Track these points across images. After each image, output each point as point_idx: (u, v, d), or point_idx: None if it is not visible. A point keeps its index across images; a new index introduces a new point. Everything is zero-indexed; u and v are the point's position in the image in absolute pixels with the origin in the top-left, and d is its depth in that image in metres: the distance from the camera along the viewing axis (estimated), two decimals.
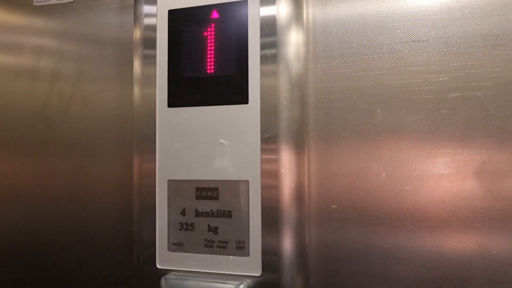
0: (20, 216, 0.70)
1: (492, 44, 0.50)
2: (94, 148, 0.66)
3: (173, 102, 0.55)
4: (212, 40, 0.54)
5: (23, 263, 0.70)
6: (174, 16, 0.56)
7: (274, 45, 0.52)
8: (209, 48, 0.54)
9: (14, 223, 0.71)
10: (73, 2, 0.68)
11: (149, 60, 0.57)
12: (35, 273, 0.69)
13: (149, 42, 0.57)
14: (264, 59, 0.52)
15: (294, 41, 0.53)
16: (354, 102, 0.54)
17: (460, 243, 0.51)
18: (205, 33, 0.55)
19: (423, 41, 0.52)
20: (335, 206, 0.54)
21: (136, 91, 0.58)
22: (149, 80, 0.57)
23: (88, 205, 0.66)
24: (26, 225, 0.70)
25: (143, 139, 0.57)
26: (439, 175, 0.51)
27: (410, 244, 0.52)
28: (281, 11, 0.52)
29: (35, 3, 0.70)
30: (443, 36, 0.52)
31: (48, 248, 0.68)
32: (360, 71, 0.54)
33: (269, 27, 0.52)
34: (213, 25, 0.54)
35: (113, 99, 0.65)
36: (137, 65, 0.58)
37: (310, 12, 0.57)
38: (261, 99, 0.52)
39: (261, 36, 0.52)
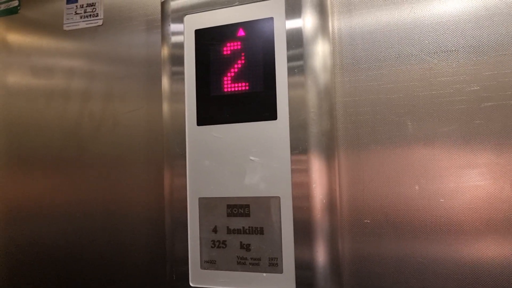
0: (56, 231, 0.72)
1: None
2: (125, 165, 0.67)
3: (202, 120, 0.56)
4: (239, 58, 0.55)
5: (59, 276, 0.71)
6: (201, 35, 0.57)
7: (301, 57, 0.52)
8: (236, 66, 0.55)
9: (51, 237, 0.72)
10: (101, 25, 0.70)
11: (177, 76, 0.58)
12: (71, 285, 0.70)
13: (177, 59, 0.58)
14: (291, 71, 0.52)
15: (321, 53, 0.53)
16: (384, 114, 0.54)
17: (499, 256, 0.49)
18: (232, 51, 0.55)
19: (452, 51, 0.52)
20: (368, 221, 0.54)
21: (165, 107, 0.58)
22: (177, 96, 0.58)
23: (121, 221, 0.67)
24: (62, 239, 0.71)
25: (174, 157, 0.57)
26: (475, 186, 0.50)
27: (447, 258, 0.51)
28: (307, 23, 0.53)
29: (65, 28, 0.72)
30: (473, 45, 0.51)
31: (83, 262, 0.70)
32: (389, 83, 0.54)
33: (296, 40, 0.52)
34: (239, 43, 0.55)
35: (142, 117, 0.67)
36: (165, 82, 0.59)
37: (335, 23, 0.57)
38: (289, 114, 0.52)
39: (288, 49, 0.53)
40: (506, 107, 0.49)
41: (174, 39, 0.58)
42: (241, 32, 0.55)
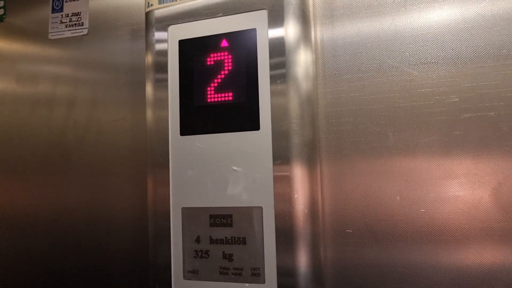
0: (40, 239, 0.71)
1: (503, 64, 0.50)
2: (110, 174, 0.67)
3: (185, 130, 0.56)
4: (222, 69, 0.55)
5: (43, 284, 0.71)
6: (185, 46, 0.57)
7: (283, 65, 0.53)
8: (219, 76, 0.55)
9: (35, 245, 0.72)
10: (86, 34, 0.70)
11: (161, 83, 0.58)
12: None
13: (161, 67, 0.58)
14: (274, 80, 0.53)
15: (303, 61, 0.54)
16: (366, 125, 0.54)
17: (479, 266, 0.50)
18: (215, 62, 0.56)
19: (432, 63, 0.53)
20: (350, 231, 0.54)
21: (149, 114, 0.59)
22: (161, 103, 0.58)
23: (105, 229, 0.67)
24: (46, 247, 0.71)
25: (157, 167, 0.57)
26: (454, 196, 0.51)
27: (428, 267, 0.51)
28: (289, 32, 0.53)
29: (50, 37, 0.72)
30: (452, 57, 0.52)
31: (67, 270, 0.69)
32: (370, 94, 0.54)
33: (278, 49, 0.53)
34: (223, 53, 0.55)
35: (127, 125, 0.67)
36: (149, 89, 0.59)
37: (318, 35, 0.57)
38: (272, 124, 0.53)
39: (271, 57, 0.53)
40: (484, 118, 0.50)
41: (158, 47, 0.58)
42: (224, 43, 0.55)
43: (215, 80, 0.55)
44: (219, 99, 0.55)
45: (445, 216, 0.51)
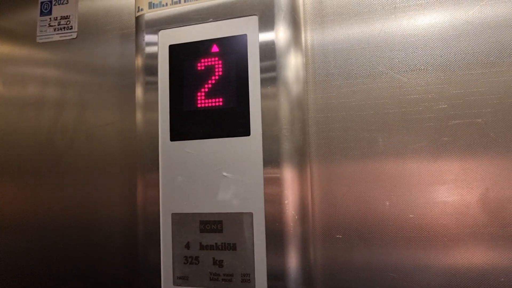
0: (29, 243, 0.70)
1: (490, 71, 0.51)
2: (100, 177, 0.67)
3: (175, 135, 0.56)
4: (213, 74, 0.55)
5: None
6: (175, 51, 0.57)
7: (274, 68, 0.53)
8: (210, 81, 0.55)
9: (23, 249, 0.71)
10: (76, 38, 0.69)
11: (151, 86, 0.58)
12: None
13: (151, 70, 0.58)
14: (264, 83, 0.53)
15: (293, 64, 0.54)
16: (356, 131, 0.55)
17: (467, 270, 0.50)
18: (206, 67, 0.55)
19: (421, 69, 0.53)
20: (340, 236, 0.54)
21: (139, 117, 0.58)
22: (151, 105, 0.57)
23: (95, 233, 0.66)
24: (35, 251, 0.70)
25: (147, 173, 0.57)
26: (443, 202, 0.51)
27: (417, 272, 0.52)
28: (280, 35, 0.53)
29: (38, 40, 0.71)
30: (441, 64, 0.53)
31: (57, 274, 0.68)
32: (360, 100, 0.55)
33: (269, 52, 0.53)
34: (213, 59, 0.55)
35: (117, 128, 0.66)
36: (139, 91, 0.59)
37: (309, 41, 0.58)
38: (263, 130, 0.53)
39: (261, 61, 0.53)
40: (472, 125, 0.51)
41: (148, 51, 0.58)
42: (215, 48, 0.55)
43: (206, 86, 0.55)
44: (210, 104, 0.55)
45: (434, 221, 0.51)
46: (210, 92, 0.55)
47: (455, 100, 0.52)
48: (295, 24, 0.54)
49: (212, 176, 0.54)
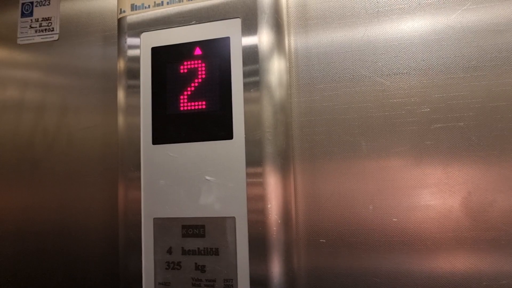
0: (7, 249, 0.69)
1: (472, 75, 0.51)
2: (80, 181, 0.66)
3: (157, 139, 0.55)
4: (196, 77, 0.55)
5: None
6: (158, 53, 0.56)
7: (256, 72, 0.52)
8: (193, 84, 0.55)
9: (1, 256, 0.69)
10: (57, 40, 0.68)
11: (133, 90, 0.57)
12: None
13: (133, 73, 0.57)
14: (247, 87, 0.52)
15: (276, 69, 0.54)
16: (339, 135, 0.54)
17: (450, 274, 0.50)
18: (189, 70, 0.55)
19: (404, 73, 0.53)
20: (324, 240, 0.54)
21: (121, 121, 0.57)
22: (133, 109, 0.57)
23: (74, 239, 0.65)
24: (13, 258, 0.68)
25: (128, 177, 0.56)
26: (426, 206, 0.51)
27: (400, 276, 0.51)
28: (263, 39, 0.53)
29: (19, 42, 0.70)
30: (423, 68, 0.53)
31: (36, 281, 0.67)
32: (344, 104, 0.55)
33: (252, 56, 0.53)
34: (196, 61, 0.55)
35: (98, 131, 0.65)
36: (121, 95, 0.58)
37: (292, 44, 0.57)
38: (245, 133, 0.52)
39: (244, 65, 0.53)
40: (454, 128, 0.51)
41: (131, 53, 0.57)
42: (198, 51, 0.55)
43: (188, 89, 0.55)
44: (192, 107, 0.54)
45: (417, 225, 0.51)
46: (193, 95, 0.54)
47: (437, 104, 0.52)
48: (278, 27, 0.54)
49: (195, 180, 0.53)
